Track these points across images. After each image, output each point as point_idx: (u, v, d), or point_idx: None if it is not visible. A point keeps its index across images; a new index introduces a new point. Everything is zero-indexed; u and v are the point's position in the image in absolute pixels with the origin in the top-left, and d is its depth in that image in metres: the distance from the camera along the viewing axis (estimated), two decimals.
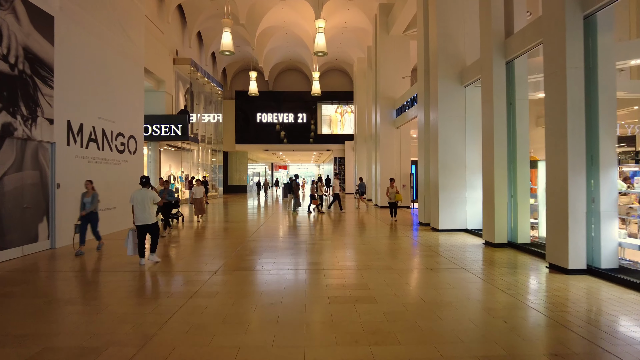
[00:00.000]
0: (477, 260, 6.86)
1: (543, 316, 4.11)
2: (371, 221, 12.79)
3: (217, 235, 9.99)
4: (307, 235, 9.88)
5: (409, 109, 15.78)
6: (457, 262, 6.67)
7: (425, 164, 11.48)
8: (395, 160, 18.10)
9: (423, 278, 5.67)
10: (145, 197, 6.42)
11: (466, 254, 7.45)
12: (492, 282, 5.42)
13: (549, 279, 5.56)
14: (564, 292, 4.93)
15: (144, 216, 6.39)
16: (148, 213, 6.41)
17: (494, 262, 6.70)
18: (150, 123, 20.76)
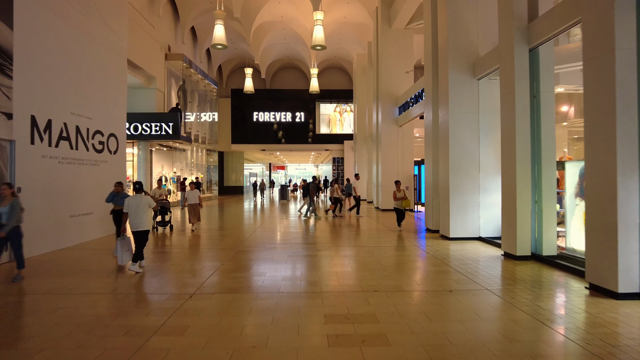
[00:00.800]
0: (501, 278, 5.88)
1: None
2: (373, 227, 11.80)
3: (205, 243, 8.97)
4: (304, 244, 8.87)
5: (413, 106, 14.80)
6: (478, 281, 5.68)
7: (434, 164, 10.49)
8: (398, 161, 17.12)
9: (442, 304, 4.67)
10: (140, 203, 6.26)
11: (486, 268, 6.46)
12: (528, 309, 4.43)
13: (596, 307, 4.57)
14: (621, 326, 3.94)
15: (137, 222, 6.24)
16: (143, 219, 6.28)
17: (522, 281, 5.71)
18: (139, 121, 19.74)
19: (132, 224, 6.24)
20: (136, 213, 6.20)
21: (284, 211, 17.88)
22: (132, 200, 6.25)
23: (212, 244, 8.96)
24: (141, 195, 6.39)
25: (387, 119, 17.23)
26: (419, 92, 13.88)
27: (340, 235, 10.08)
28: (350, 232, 10.61)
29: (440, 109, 9.88)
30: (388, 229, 11.19)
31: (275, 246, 8.61)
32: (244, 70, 28.01)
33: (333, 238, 9.66)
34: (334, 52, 31.73)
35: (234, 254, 7.69)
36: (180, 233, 10.57)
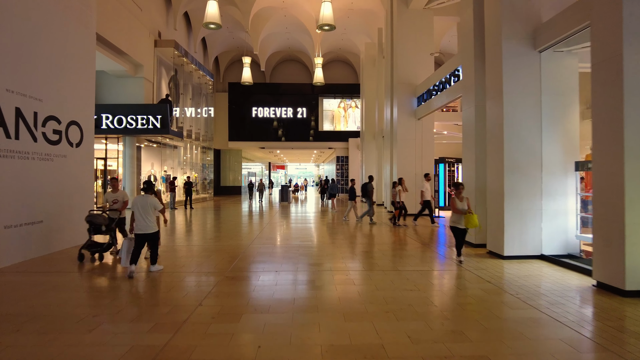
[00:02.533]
0: (623, 334, 3.78)
1: None
2: (391, 237, 9.70)
3: (178, 270, 6.84)
4: (318, 265, 6.75)
5: (438, 94, 12.70)
6: (600, 340, 3.58)
7: (478, 164, 8.39)
8: (416, 158, 15.01)
9: None
10: (147, 204, 5.96)
11: (583, 311, 4.38)
12: None
13: None
14: None
15: (144, 224, 5.95)
16: (149, 221, 5.97)
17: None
18: (124, 114, 17.61)
19: (138, 226, 5.94)
20: (143, 215, 5.90)
21: (285, 215, 15.76)
22: (137, 201, 5.96)
23: (188, 264, 6.83)
24: (149, 196, 6.05)
25: (403, 111, 15.12)
26: (448, 77, 11.77)
27: (362, 250, 7.98)
28: (370, 244, 8.52)
29: (490, 92, 7.76)
30: (420, 244, 9.10)
31: (277, 268, 6.49)
32: (242, 62, 25.90)
33: (354, 253, 7.55)
34: (339, 44, 29.63)
35: (218, 286, 5.57)
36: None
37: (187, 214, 16.33)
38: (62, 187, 8.11)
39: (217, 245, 8.51)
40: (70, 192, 8.33)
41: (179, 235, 10.11)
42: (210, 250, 8.00)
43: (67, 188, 8.22)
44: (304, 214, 16.53)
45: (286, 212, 17.40)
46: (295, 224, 12.78)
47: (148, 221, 5.93)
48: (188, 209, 18.69)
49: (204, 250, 8.01)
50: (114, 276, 5.99)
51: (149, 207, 5.93)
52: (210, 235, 10.12)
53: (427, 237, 9.72)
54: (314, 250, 7.95)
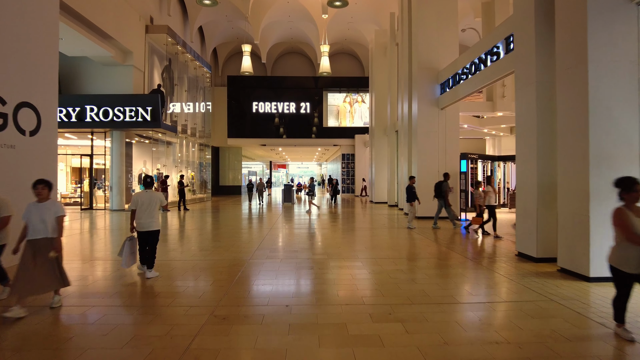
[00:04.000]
0: None
1: None
2: (434, 248, 7.90)
3: (149, 303, 5.04)
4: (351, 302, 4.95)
5: (468, 77, 10.89)
6: None
7: (541, 156, 6.57)
8: (439, 153, 13.20)
9: None
10: (153, 200, 5.59)
11: None
12: None
13: None
14: None
15: (150, 221, 5.57)
16: (155, 218, 5.61)
17: None
18: (110, 105, 15.83)
19: (142, 223, 5.58)
20: (149, 212, 5.59)
21: (290, 218, 13.95)
22: (143, 197, 5.63)
23: (166, 291, 5.03)
24: (154, 192, 5.78)
25: (424, 100, 13.30)
26: (483, 57, 9.95)
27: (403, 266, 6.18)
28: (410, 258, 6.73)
29: (564, 61, 5.92)
30: (460, 256, 7.29)
31: (294, 302, 4.69)
32: (242, 55, 24.09)
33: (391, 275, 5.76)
34: (345, 34, 27.84)
35: (201, 337, 3.76)
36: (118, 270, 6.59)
37: (180, 216, 14.53)
38: (13, 185, 6.32)
39: (209, 260, 6.70)
40: (23, 192, 6.54)
41: (165, 245, 8.32)
42: (200, 267, 6.19)
43: (17, 187, 6.42)
44: (318, 216, 14.73)
45: (291, 214, 15.59)
46: (305, 229, 10.96)
47: (154, 218, 5.62)
48: (182, 211, 16.89)
49: (191, 267, 6.20)
50: None
51: (155, 203, 5.64)
52: (203, 245, 8.31)
53: (441, 243, 7.93)
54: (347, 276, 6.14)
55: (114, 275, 5.70)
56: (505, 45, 8.92)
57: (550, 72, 6.51)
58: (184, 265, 6.29)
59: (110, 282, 5.35)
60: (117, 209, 16.72)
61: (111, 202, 16.99)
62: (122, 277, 5.62)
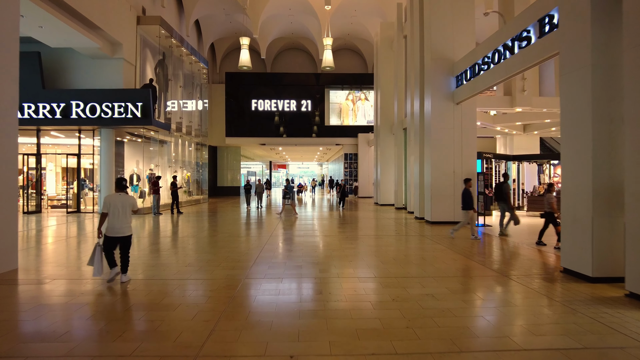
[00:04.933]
0: None
1: None
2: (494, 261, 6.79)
3: (106, 353, 3.90)
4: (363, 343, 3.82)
5: (490, 67, 9.76)
6: None
7: (596, 150, 5.45)
8: (455, 152, 12.07)
9: None
10: (127, 203, 5.36)
11: None
12: None
13: None
14: None
15: (122, 226, 5.29)
16: (127, 222, 5.37)
17: None
18: (98, 100, 14.72)
19: (114, 227, 5.24)
20: (122, 215, 5.26)
21: (289, 223, 12.82)
22: (116, 200, 5.28)
23: (134, 324, 3.90)
24: (127, 195, 5.50)
25: (438, 94, 12.18)
26: (509, 43, 8.81)
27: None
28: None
29: (634, 38, 4.80)
30: (502, 268, 6.17)
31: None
32: (241, 50, 22.96)
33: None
34: (348, 28, 26.73)
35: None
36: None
37: (173, 221, 13.40)
38: None
39: (195, 280, 5.57)
40: None
41: (148, 257, 7.19)
42: (183, 290, 5.06)
43: None
44: (322, 220, 13.59)
45: (291, 218, 14.46)
46: (308, 237, 9.83)
47: (127, 222, 5.38)
48: (175, 215, 15.76)
49: (173, 290, 5.07)
50: None
51: (129, 207, 5.41)
52: (191, 258, 7.17)
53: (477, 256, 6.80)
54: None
55: (73, 299, 4.57)
56: (538, 28, 7.80)
57: (609, 53, 5.38)
58: (164, 288, 5.15)
59: (63, 315, 4.22)
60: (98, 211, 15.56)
61: (100, 204, 15.84)
62: (77, 307, 4.48)
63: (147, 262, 6.75)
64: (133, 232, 5.82)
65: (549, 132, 19.05)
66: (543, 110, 13.37)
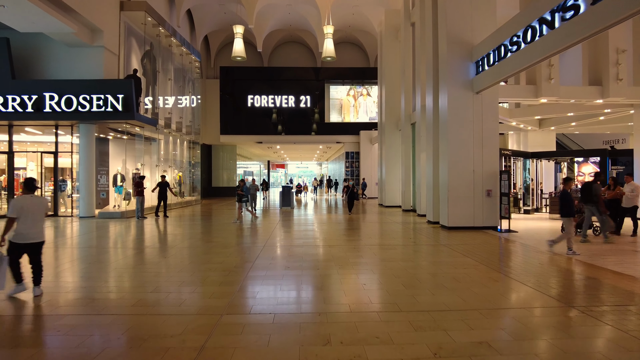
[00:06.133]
0: None
1: None
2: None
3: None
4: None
5: (521, 48, 8.34)
6: None
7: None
8: (475, 147, 10.64)
9: None
10: (40, 206, 4.82)
11: None
12: None
13: None
14: None
15: (36, 231, 4.72)
16: (41, 227, 4.84)
17: None
18: (74, 92, 13.26)
19: (26, 234, 4.60)
20: (34, 220, 4.68)
21: (287, 229, 11.36)
22: (27, 203, 4.64)
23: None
24: (40, 197, 5.48)
25: (455, 83, 10.74)
26: (549, 15, 7.39)
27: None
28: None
29: None
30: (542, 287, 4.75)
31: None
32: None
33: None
34: (349, 20, 25.28)
35: None
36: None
37: (156, 226, 11.94)
38: None
39: (160, 317, 4.12)
40: None
41: (112, 278, 5.74)
42: (149, 327, 3.61)
43: None
44: (324, 225, 12.14)
45: (289, 223, 13.01)
46: (309, 247, 8.37)
47: (39, 227, 4.78)
48: (161, 218, 14.31)
49: (128, 341, 3.61)
50: None
51: (43, 210, 4.86)
52: (162, 280, 5.71)
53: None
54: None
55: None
56: (571, 4, 6.40)
57: None
58: (118, 326, 3.70)
59: None
60: (86, 215, 14.13)
61: (80, 208, 14.38)
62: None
63: (114, 283, 5.29)
64: (111, 240, 4.42)
65: (566, 127, 17.66)
66: (571, 101, 11.95)
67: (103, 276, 5.75)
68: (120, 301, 4.57)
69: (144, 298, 4.66)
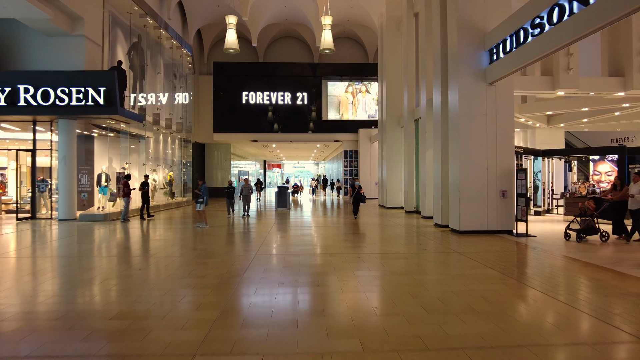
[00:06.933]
0: None
1: None
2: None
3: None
4: None
5: (545, 30, 7.41)
6: None
7: None
8: (489, 143, 9.70)
9: None
10: None
11: None
12: None
13: None
14: None
15: None
16: None
17: None
18: (52, 85, 12.22)
19: None
20: None
21: (283, 233, 10.37)
22: None
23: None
24: None
25: (466, 72, 9.79)
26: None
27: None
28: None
29: None
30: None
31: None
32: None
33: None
34: (347, 13, 24.31)
35: None
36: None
37: (141, 230, 10.91)
38: None
39: (123, 349, 3.13)
40: None
41: (57, 294, 4.73)
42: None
43: None
44: (322, 228, 11.15)
45: (286, 227, 12.03)
46: (308, 255, 7.37)
47: None
48: (147, 220, 13.28)
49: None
50: None
51: None
52: (130, 298, 4.71)
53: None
54: None
55: None
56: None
57: None
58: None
59: None
60: (65, 218, 13.08)
61: (59, 210, 13.32)
62: None
63: (46, 306, 4.28)
64: (83, 247, 3.36)
65: (577, 124, 16.75)
66: (590, 94, 11.04)
67: (54, 293, 4.74)
68: (64, 334, 3.56)
69: (99, 328, 3.66)
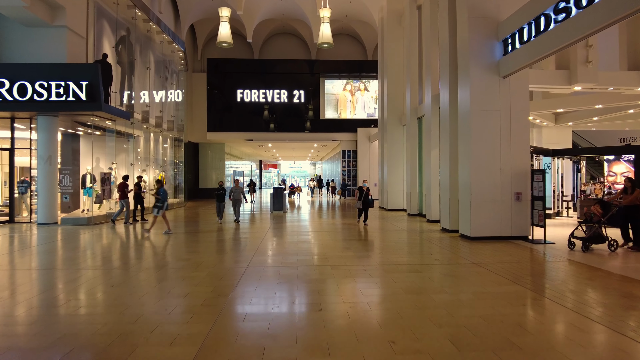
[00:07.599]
0: None
1: None
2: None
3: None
4: None
5: (571, 15, 6.65)
6: None
7: None
8: (502, 142, 8.93)
9: None
10: None
11: None
12: None
13: None
14: None
15: None
16: None
17: None
18: (29, 78, 11.33)
19: None
20: None
21: (280, 240, 9.54)
22: None
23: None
24: None
25: (478, 65, 9.03)
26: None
27: None
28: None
29: None
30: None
31: None
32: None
33: None
34: (346, 8, 23.53)
35: None
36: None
37: (127, 235, 10.04)
38: None
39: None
40: None
41: (13, 314, 3.89)
42: None
43: None
44: (322, 234, 10.34)
45: (282, 232, 11.20)
46: (307, 266, 6.55)
47: None
48: (134, 224, 12.42)
49: None
50: None
51: None
52: (95, 325, 3.88)
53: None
54: None
55: None
56: None
57: None
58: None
59: None
60: (45, 222, 12.19)
61: (38, 213, 12.42)
62: None
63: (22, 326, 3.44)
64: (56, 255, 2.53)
65: (586, 123, 16.08)
66: (608, 89, 10.32)
67: (8, 313, 3.90)
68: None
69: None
